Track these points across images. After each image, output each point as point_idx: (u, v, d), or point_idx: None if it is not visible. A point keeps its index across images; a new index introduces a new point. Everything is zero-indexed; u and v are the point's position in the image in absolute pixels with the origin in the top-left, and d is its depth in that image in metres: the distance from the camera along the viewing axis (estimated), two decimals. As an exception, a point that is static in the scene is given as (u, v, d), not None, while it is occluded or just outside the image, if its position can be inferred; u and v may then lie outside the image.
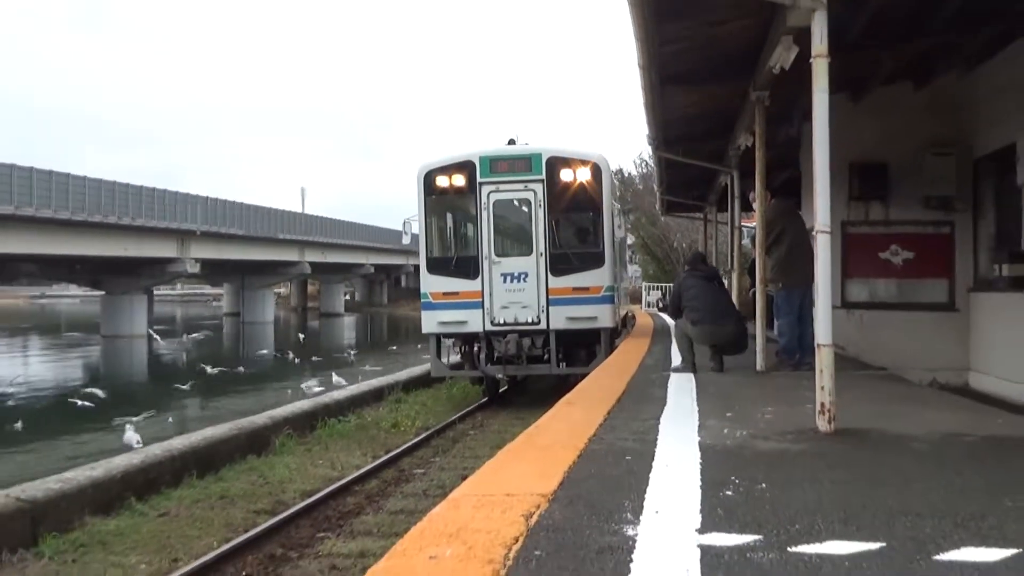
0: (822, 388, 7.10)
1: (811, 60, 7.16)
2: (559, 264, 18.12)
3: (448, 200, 19.58)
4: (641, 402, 8.90)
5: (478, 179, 18.29)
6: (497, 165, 18.40)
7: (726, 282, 15.63)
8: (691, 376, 11.22)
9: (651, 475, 5.59)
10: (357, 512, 10.74)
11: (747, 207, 15.53)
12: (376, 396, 20.64)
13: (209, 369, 32.00)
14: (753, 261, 14.27)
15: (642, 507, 4.83)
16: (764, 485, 5.35)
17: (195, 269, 63.84)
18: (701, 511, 4.74)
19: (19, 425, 22.70)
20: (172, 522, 10.45)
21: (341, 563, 8.66)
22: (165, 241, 58.72)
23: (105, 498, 10.75)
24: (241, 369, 35.55)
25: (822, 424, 7.10)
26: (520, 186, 18.43)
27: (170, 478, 12.06)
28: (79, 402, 25.25)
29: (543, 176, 18.21)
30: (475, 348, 18.98)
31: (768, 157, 12.45)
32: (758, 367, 11.73)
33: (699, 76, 12.22)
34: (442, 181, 18.55)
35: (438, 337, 19.01)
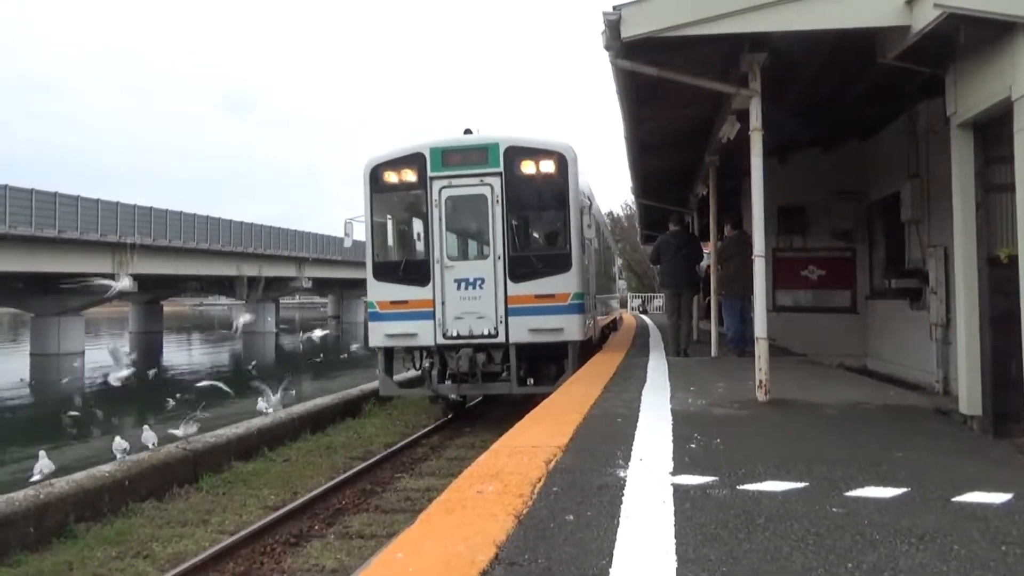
0: (760, 369, 7.04)
1: (750, 133, 7.13)
2: (520, 268, 11.48)
3: (397, 198, 12.58)
4: (627, 380, 8.83)
5: (429, 173, 11.75)
6: (450, 157, 11.83)
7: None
8: (664, 360, 11.17)
9: (636, 433, 5.56)
10: (424, 459, 10.75)
11: (704, 236, 15.48)
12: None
13: (317, 359, 31.98)
14: (707, 277, 14.14)
15: (630, 456, 4.80)
16: (719, 440, 5.31)
17: (308, 285, 64.81)
18: (673, 459, 4.72)
19: (175, 398, 22.59)
20: (292, 466, 10.49)
21: (412, 495, 8.66)
22: (288, 265, 59.43)
23: (245, 448, 10.86)
24: (343, 356, 35.57)
25: (760, 395, 7.03)
26: (475, 180, 11.75)
27: (291, 434, 12.17)
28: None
29: (501, 169, 11.60)
30: (427, 364, 12.07)
31: (718, 202, 12.46)
32: (713, 354, 11.71)
33: (668, 145, 12.20)
34: (390, 176, 12.05)
35: (387, 351, 12.14)
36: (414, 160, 11.75)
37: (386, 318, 11.71)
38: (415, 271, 11.68)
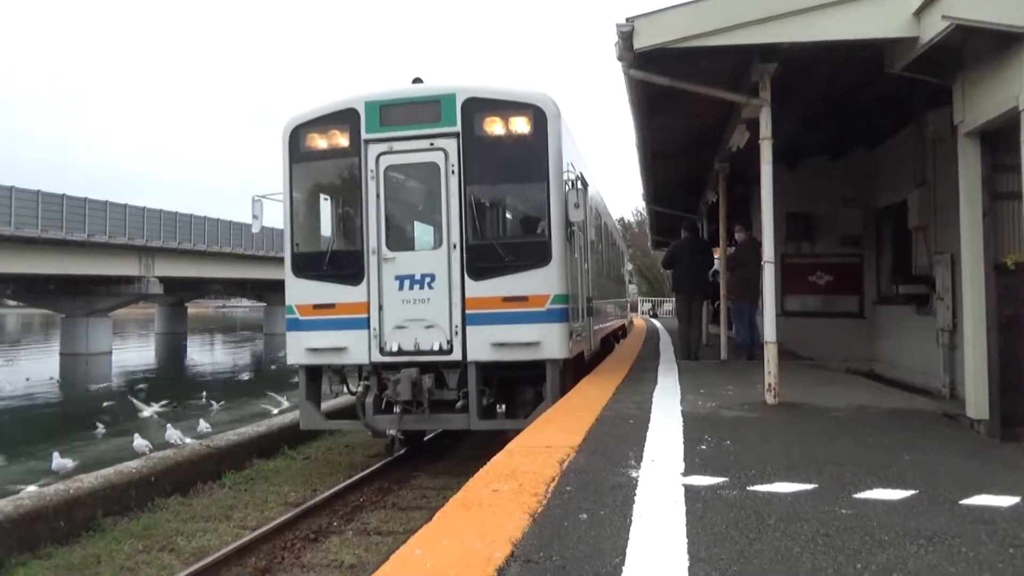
0: (769, 372, 7.01)
1: (760, 141, 7.11)
2: (482, 261, 8.36)
3: (323, 168, 9.34)
4: (639, 383, 8.81)
5: (363, 135, 8.60)
6: (391, 114, 8.62)
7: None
8: (675, 363, 11.12)
9: (647, 434, 5.55)
10: (440, 458, 10.74)
11: (715, 242, 15.42)
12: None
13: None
14: (717, 282, 14.08)
15: (642, 456, 4.79)
16: (729, 442, 5.29)
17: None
18: (684, 460, 4.70)
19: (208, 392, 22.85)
20: (312, 464, 10.54)
21: (428, 493, 8.67)
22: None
23: (267, 446, 10.87)
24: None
25: (769, 398, 7.00)
26: (424, 143, 8.54)
27: (312, 432, 11.98)
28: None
29: (458, 128, 8.40)
30: (360, 388, 9.01)
31: (728, 209, 12.41)
32: (722, 357, 11.63)
33: (678, 152, 12.19)
34: (315, 140, 8.94)
35: (310, 371, 8.94)
36: (344, 118, 8.62)
37: (308, 327, 8.64)
38: (345, 265, 8.60)
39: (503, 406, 8.43)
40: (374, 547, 6.85)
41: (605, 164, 68.63)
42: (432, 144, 8.45)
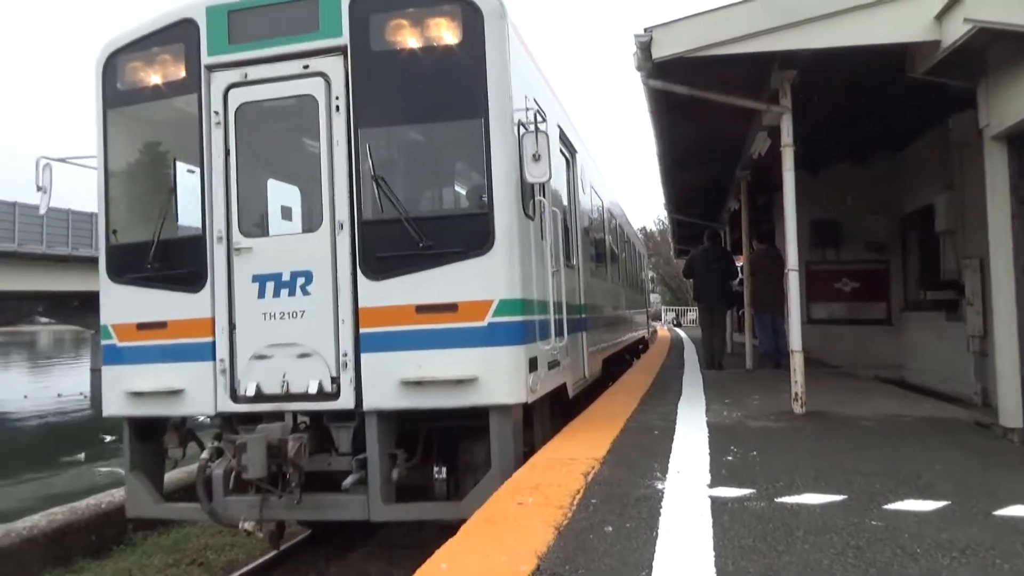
0: (795, 381, 6.94)
1: (781, 148, 7.08)
2: (383, 249, 5.35)
3: (150, 113, 6.06)
4: (663, 393, 8.75)
5: (204, 58, 5.66)
6: (245, 24, 5.62)
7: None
8: (699, 373, 11.05)
9: (673, 445, 5.51)
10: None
11: (738, 250, 15.33)
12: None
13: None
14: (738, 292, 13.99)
15: (667, 468, 4.76)
16: (755, 452, 5.23)
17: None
18: (710, 471, 4.66)
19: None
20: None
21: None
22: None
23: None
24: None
25: (796, 408, 6.92)
26: (295, 67, 5.50)
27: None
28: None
29: (345, 40, 5.41)
30: (205, 455, 5.56)
31: (749, 216, 12.34)
32: (747, 366, 11.54)
33: (699, 161, 12.14)
34: (139, 72, 5.91)
35: (138, 425, 5.95)
36: (178, 35, 5.80)
37: (130, 358, 5.83)
38: (179, 260, 5.74)
39: (442, 471, 5.44)
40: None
41: (625, 173, 68.57)
42: (307, 67, 5.49)
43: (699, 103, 7.53)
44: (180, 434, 6.03)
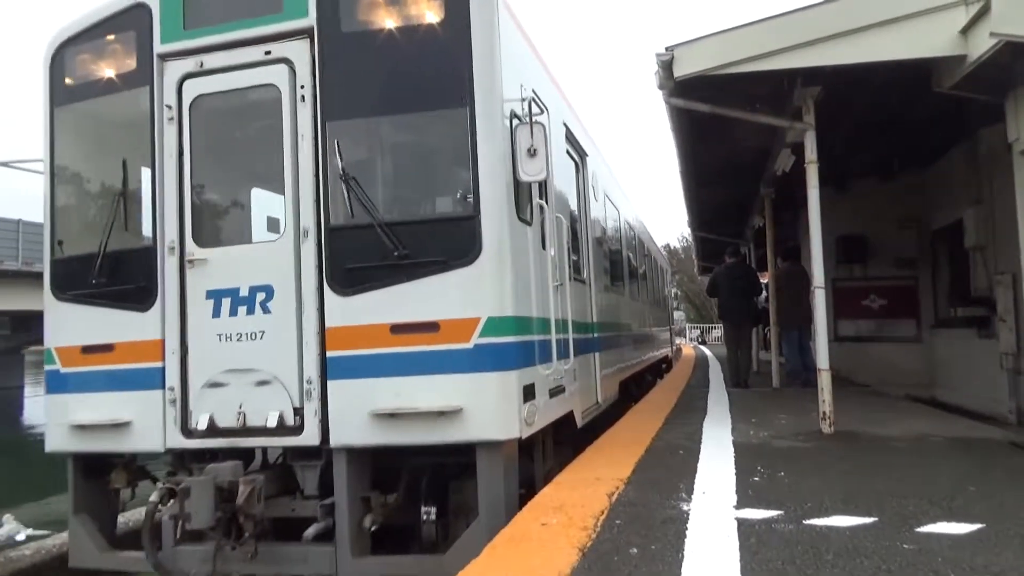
0: (823, 400, 6.84)
1: (805, 165, 7.03)
2: (354, 259, 4.71)
3: (101, 110, 5.38)
4: (689, 412, 8.66)
5: (157, 47, 5.11)
6: (201, 8, 5.09)
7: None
8: (725, 391, 10.94)
9: (698, 465, 5.45)
10: None
11: (763, 267, 15.20)
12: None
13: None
14: (764, 309, 13.85)
15: (693, 488, 4.71)
16: (783, 473, 5.16)
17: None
18: (736, 492, 4.60)
19: None
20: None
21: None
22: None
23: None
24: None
25: (824, 427, 6.82)
26: (255, 53, 4.92)
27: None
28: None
29: (312, 21, 4.85)
30: (153, 498, 4.77)
31: (774, 233, 12.25)
32: (774, 384, 11.40)
33: (723, 178, 12.10)
34: (88, 64, 5.34)
35: (84, 463, 5.32)
36: (129, 22, 5.27)
37: (74, 386, 5.25)
38: (127, 274, 5.17)
39: (431, 512, 4.73)
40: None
41: (649, 191, 68.45)
42: (268, 53, 4.93)
43: (722, 120, 7.53)
44: (129, 472, 5.35)
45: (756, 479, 4.97)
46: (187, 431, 4.91)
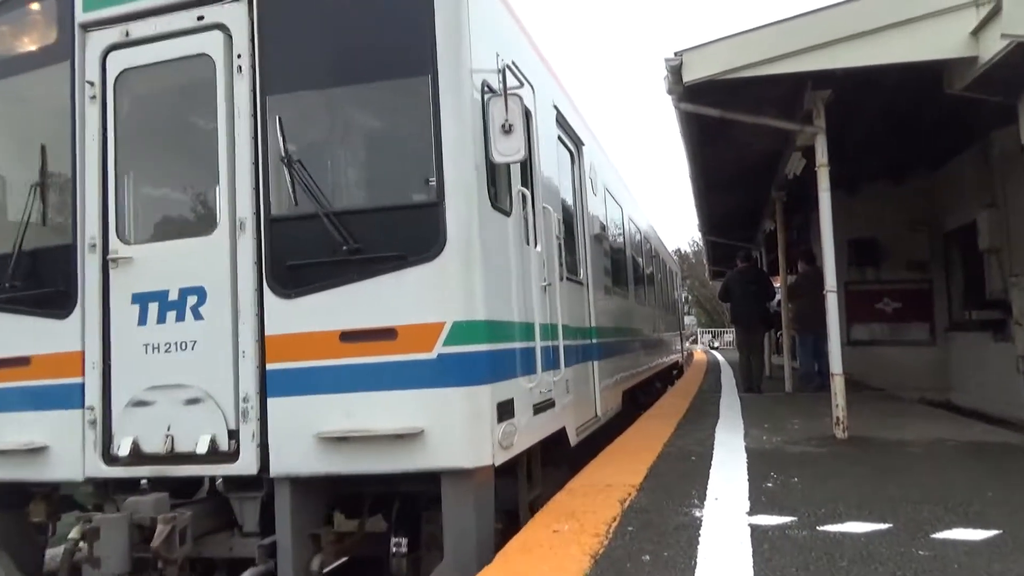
0: (837, 405, 6.80)
1: (816, 169, 7.01)
2: (297, 255, 4.07)
3: (19, 91, 4.78)
4: (701, 417, 8.63)
5: (78, 15, 4.47)
6: None
7: None
8: (737, 396, 10.89)
9: (711, 471, 5.43)
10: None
11: (775, 270, 15.14)
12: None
13: None
14: (777, 313, 13.77)
15: (705, 495, 4.69)
16: (796, 479, 5.13)
17: None
18: (749, 498, 4.58)
19: None
20: None
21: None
22: None
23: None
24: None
25: (838, 432, 6.77)
26: (186, 19, 4.28)
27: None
28: None
29: None
30: (70, 540, 3.93)
31: (786, 237, 12.21)
32: (787, 389, 11.35)
33: (733, 182, 12.07)
34: (5, 40, 4.78)
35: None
36: None
37: None
38: (44, 277, 4.59)
39: (402, 544, 4.07)
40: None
41: (658, 196, 68.35)
42: (201, 18, 4.35)
43: (731, 124, 7.52)
44: (50, 503, 4.62)
45: (769, 485, 4.94)
46: (109, 457, 4.26)
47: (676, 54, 6.51)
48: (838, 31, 6.13)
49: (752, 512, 4.23)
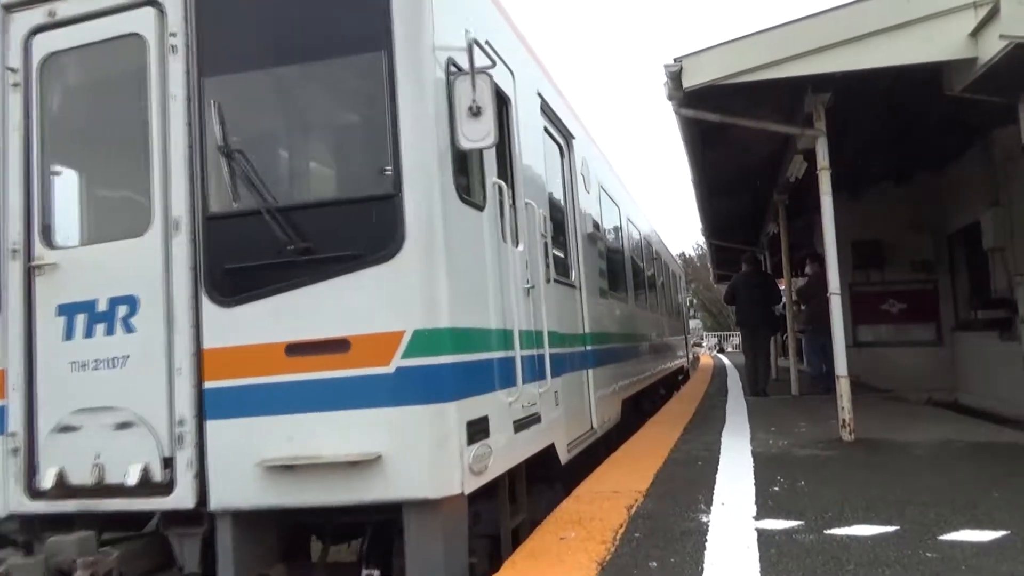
0: (843, 408, 6.80)
1: (818, 172, 7.02)
2: (238, 258, 3.59)
3: None
4: (707, 422, 8.62)
5: None
6: None
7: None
8: (743, 400, 10.88)
9: (717, 476, 5.42)
10: None
11: (779, 273, 15.13)
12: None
13: None
14: (782, 316, 13.75)
15: (712, 500, 4.69)
16: (803, 482, 5.12)
17: None
18: (756, 503, 4.58)
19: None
20: None
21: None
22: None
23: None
24: None
25: (844, 435, 6.77)
26: None
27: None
28: None
29: None
30: None
31: (789, 240, 12.21)
32: (793, 392, 11.34)
33: (735, 186, 12.10)
34: None
35: None
36: None
37: None
38: None
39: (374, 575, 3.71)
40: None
41: (662, 200, 68.32)
42: None
43: (733, 128, 7.54)
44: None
45: (776, 489, 4.94)
46: (32, 491, 3.80)
47: (676, 60, 6.55)
48: (837, 35, 6.15)
49: (759, 516, 4.23)
